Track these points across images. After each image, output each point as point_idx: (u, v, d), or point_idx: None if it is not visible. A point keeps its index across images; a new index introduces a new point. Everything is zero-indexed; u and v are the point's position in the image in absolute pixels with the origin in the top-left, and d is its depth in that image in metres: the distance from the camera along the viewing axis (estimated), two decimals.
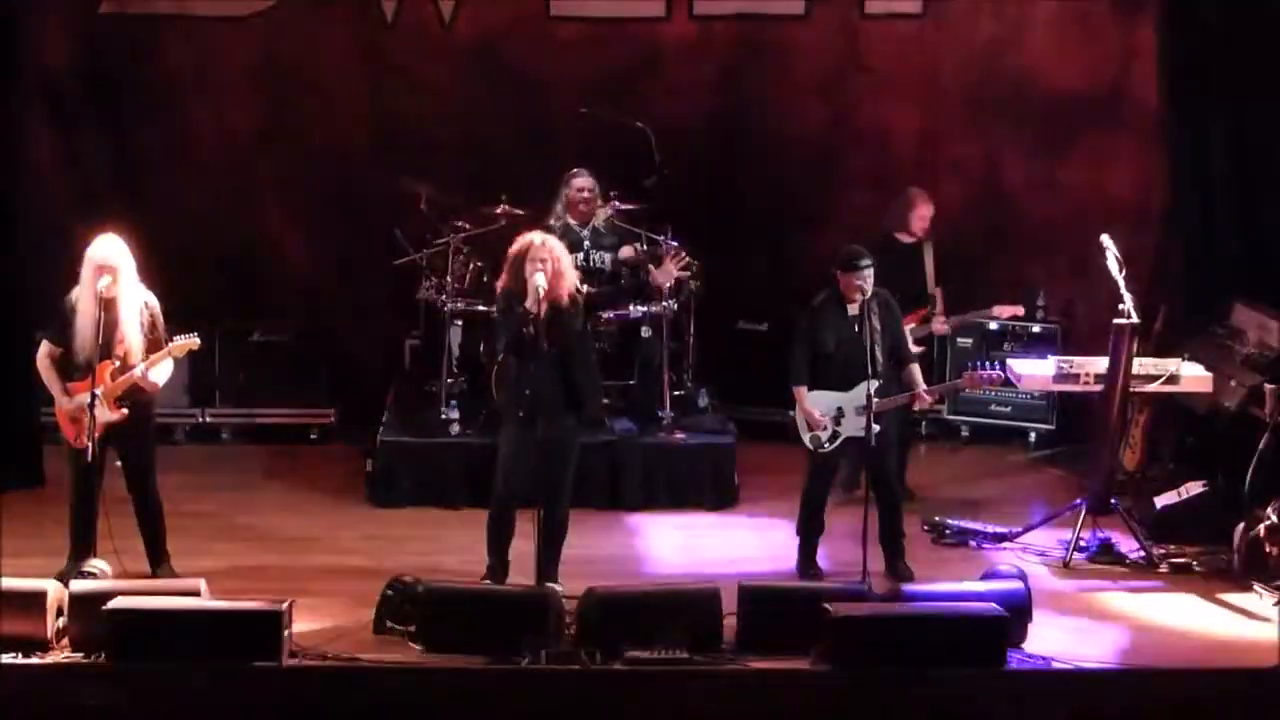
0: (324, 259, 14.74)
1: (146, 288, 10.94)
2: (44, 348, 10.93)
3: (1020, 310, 13.46)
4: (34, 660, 9.71)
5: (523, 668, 9.64)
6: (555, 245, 10.94)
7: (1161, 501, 12.21)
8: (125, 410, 10.79)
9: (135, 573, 10.86)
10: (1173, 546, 11.84)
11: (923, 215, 12.91)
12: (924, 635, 9.64)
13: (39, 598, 9.94)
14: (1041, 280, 14.60)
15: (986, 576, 10.67)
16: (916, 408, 11.59)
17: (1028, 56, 14.56)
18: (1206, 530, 11.89)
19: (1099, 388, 11.97)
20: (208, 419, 14.24)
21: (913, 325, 12.38)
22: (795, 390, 11.37)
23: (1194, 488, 12.16)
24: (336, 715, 9.34)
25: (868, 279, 11.17)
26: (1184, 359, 12.22)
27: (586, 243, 13.16)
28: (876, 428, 11.02)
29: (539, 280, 10.67)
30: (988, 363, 11.79)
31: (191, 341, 10.95)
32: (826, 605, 9.80)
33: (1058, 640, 10.26)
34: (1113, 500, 11.99)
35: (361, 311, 14.63)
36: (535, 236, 10.98)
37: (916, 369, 11.41)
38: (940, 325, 12.99)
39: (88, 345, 10.70)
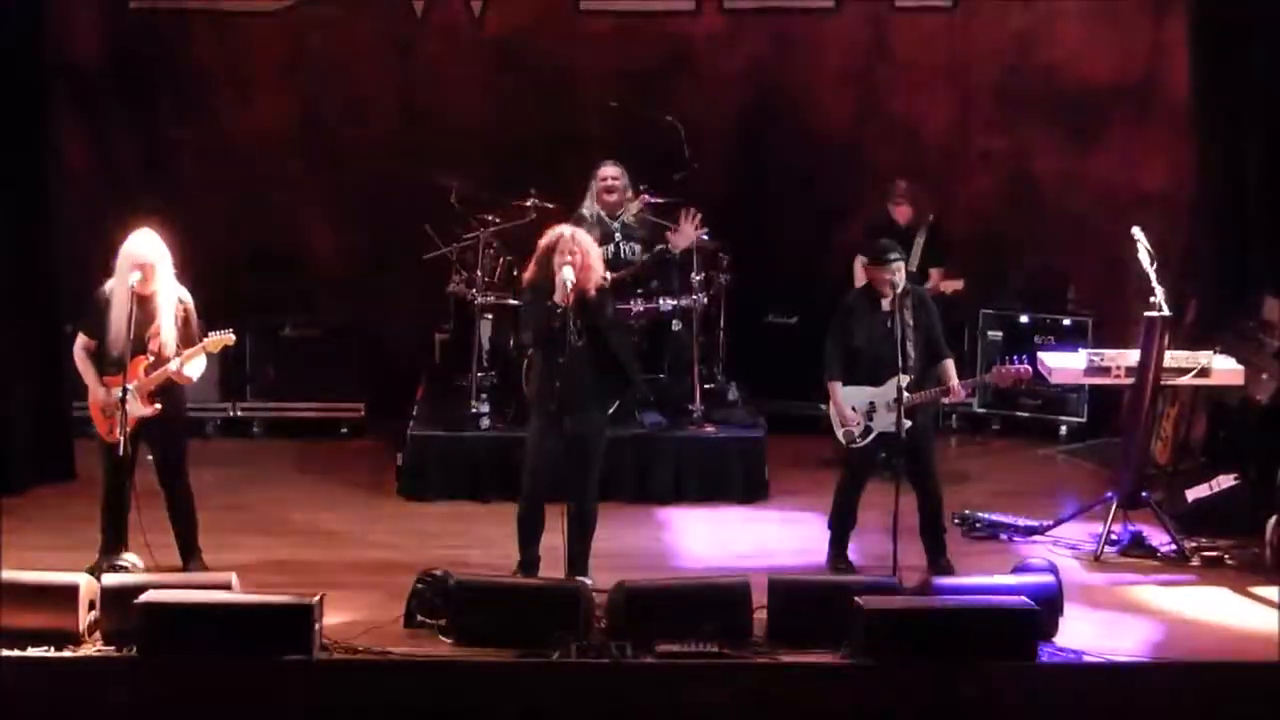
0: (354, 253, 14.77)
1: (179, 283, 10.98)
2: (79, 340, 10.97)
3: (960, 284, 13.41)
4: (66, 654, 9.74)
5: (553, 661, 9.65)
6: (584, 239, 10.95)
7: (1193, 495, 12.19)
8: (158, 405, 10.82)
9: (167, 566, 10.89)
10: (1204, 540, 11.80)
11: (898, 199, 13.61)
12: (955, 629, 9.61)
13: (71, 591, 9.97)
14: (1072, 273, 14.58)
15: (1017, 570, 10.65)
16: (948, 401, 11.54)
17: (1058, 48, 14.53)
18: (1238, 523, 11.86)
19: (1130, 381, 11.95)
20: (239, 413, 14.27)
21: None
22: (829, 385, 11.36)
23: (1225, 481, 12.14)
24: (367, 709, 9.36)
25: (897, 273, 11.16)
26: (1215, 352, 12.19)
27: (617, 235, 13.17)
28: (908, 423, 11.01)
29: (567, 274, 10.69)
30: (1018, 357, 11.71)
31: (226, 337, 10.97)
32: (857, 599, 9.80)
33: (1089, 634, 10.24)
34: (1144, 493, 11.97)
35: (392, 305, 14.65)
36: (564, 230, 10.99)
37: (950, 364, 11.37)
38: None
39: (121, 339, 10.73)
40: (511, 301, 12.96)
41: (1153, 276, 11.63)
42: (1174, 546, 11.75)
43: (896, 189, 13.64)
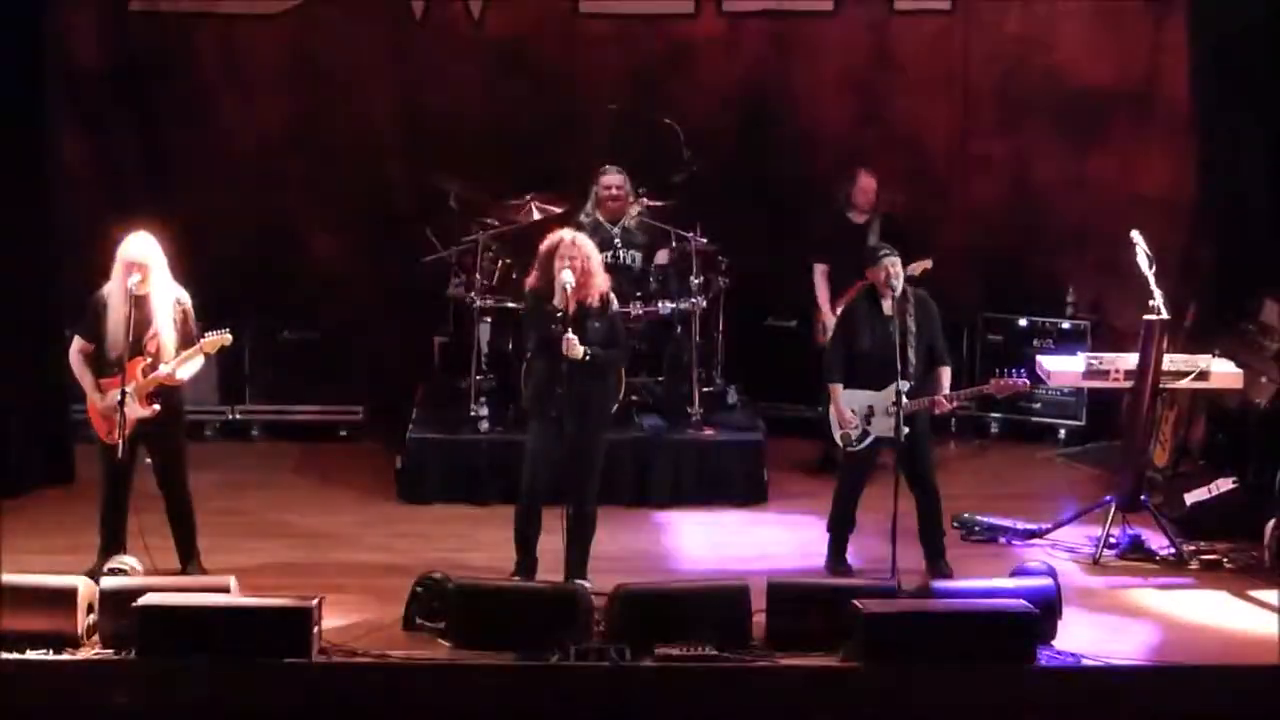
0: (354, 256, 14.75)
1: (177, 285, 10.98)
2: (76, 344, 10.97)
3: (929, 264, 13.18)
4: (64, 657, 9.75)
5: (552, 664, 9.65)
6: (585, 243, 10.96)
7: (1192, 498, 12.18)
8: (157, 406, 10.82)
9: (165, 569, 10.89)
10: (1203, 543, 11.81)
11: (864, 189, 13.31)
12: (953, 632, 9.63)
13: (69, 594, 9.98)
14: (1072, 276, 14.57)
15: (1016, 573, 10.65)
16: (936, 412, 11.46)
17: (1058, 52, 14.52)
18: (1237, 527, 11.87)
19: (1129, 384, 11.95)
20: (238, 416, 14.26)
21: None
22: (829, 388, 11.35)
23: (1224, 484, 12.14)
24: (366, 712, 9.36)
25: (891, 268, 11.12)
26: (1214, 355, 12.19)
27: (617, 241, 13.16)
28: (906, 429, 10.99)
29: (567, 278, 10.69)
30: (1016, 370, 11.62)
31: (223, 337, 10.98)
32: (856, 602, 9.80)
33: (1087, 637, 10.25)
34: (1143, 497, 11.97)
35: (391, 308, 14.64)
36: (565, 234, 11.00)
37: (946, 372, 11.33)
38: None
39: (119, 342, 10.73)
40: (510, 304, 12.96)
41: (1151, 279, 11.63)
42: (1172, 550, 11.75)
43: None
